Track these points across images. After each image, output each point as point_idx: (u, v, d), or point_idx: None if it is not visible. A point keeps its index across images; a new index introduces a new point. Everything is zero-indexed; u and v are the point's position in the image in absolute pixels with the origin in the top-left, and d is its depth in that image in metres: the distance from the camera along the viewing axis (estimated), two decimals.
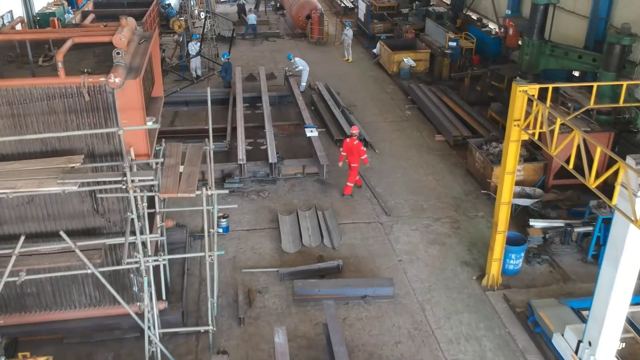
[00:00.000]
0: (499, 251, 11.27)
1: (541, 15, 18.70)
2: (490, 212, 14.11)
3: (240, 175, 15.09)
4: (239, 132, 16.63)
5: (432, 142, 17.86)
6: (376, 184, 15.38)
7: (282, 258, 12.41)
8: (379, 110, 20.22)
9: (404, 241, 13.02)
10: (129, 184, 8.06)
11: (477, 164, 15.30)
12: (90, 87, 8.48)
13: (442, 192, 15.02)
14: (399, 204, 14.47)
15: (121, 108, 8.61)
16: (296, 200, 14.62)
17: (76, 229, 9.40)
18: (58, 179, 7.94)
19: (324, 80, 22.87)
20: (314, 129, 16.73)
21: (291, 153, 16.98)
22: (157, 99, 11.27)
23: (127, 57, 9.11)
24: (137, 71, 8.84)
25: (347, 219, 13.86)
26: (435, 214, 14.07)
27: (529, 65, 19.27)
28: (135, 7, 25.85)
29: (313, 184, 15.36)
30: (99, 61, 9.83)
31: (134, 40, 9.94)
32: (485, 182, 14.84)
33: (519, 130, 10.14)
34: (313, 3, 29.47)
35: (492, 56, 24.60)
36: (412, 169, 16.19)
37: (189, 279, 11.69)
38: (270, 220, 13.78)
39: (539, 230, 12.99)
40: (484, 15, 27.67)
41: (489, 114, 18.88)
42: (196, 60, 23.28)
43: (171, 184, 8.80)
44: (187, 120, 19.32)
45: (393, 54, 23.20)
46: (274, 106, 20.03)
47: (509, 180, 10.68)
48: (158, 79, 11.35)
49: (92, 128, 8.75)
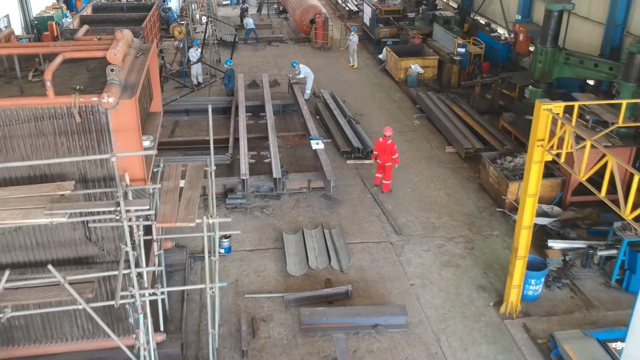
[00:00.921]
0: (518, 277, 10.58)
1: (555, 22, 18.02)
2: (505, 230, 13.47)
3: (243, 191, 14.41)
4: (242, 144, 15.96)
5: (443, 154, 17.17)
6: (385, 199, 14.70)
7: (287, 282, 11.73)
8: (386, 119, 19.53)
9: (416, 263, 12.33)
10: (123, 215, 7.39)
11: (491, 179, 14.61)
12: (82, 107, 7.82)
13: (455, 209, 14.33)
14: (409, 222, 13.78)
15: (115, 130, 7.95)
16: (301, 217, 13.94)
17: (67, 258, 8.75)
18: (46, 209, 7.27)
19: (328, 87, 22.21)
20: (319, 140, 16.07)
21: (296, 166, 16.31)
22: (155, 114, 10.60)
23: (122, 74, 8.45)
24: (133, 89, 8.17)
25: (356, 238, 13.18)
26: (448, 233, 13.38)
27: (542, 73, 18.58)
28: (134, 11, 25.20)
29: (319, 200, 14.68)
30: (93, 77, 9.17)
31: (130, 53, 9.28)
32: (500, 198, 14.16)
33: (543, 151, 9.45)
34: (317, 7, 28.80)
35: (502, 62, 23.94)
36: (423, 184, 15.50)
37: (189, 305, 11.02)
38: (274, 239, 13.11)
39: (558, 252, 12.31)
40: (492, 20, 26.99)
41: (501, 124, 18.19)
42: (197, 67, 22.61)
43: (169, 212, 8.12)
44: (187, 130, 18.65)
45: (400, 61, 22.52)
46: (277, 115, 19.39)
47: (531, 203, 10.00)
48: (156, 93, 10.68)
49: (84, 151, 8.09)
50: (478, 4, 27.98)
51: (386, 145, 14.77)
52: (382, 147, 14.82)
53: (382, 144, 14.82)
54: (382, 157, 14.84)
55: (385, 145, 14.78)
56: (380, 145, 14.88)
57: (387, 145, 14.76)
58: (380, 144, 14.86)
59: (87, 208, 7.48)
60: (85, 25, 10.56)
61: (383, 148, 14.82)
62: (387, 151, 14.76)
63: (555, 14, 17.88)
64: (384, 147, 14.79)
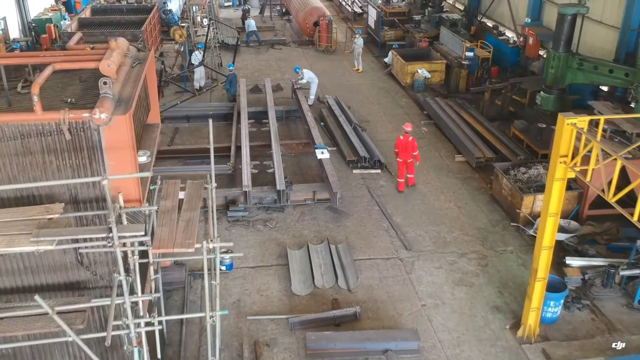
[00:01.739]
0: (537, 300, 9.97)
1: (568, 26, 17.42)
2: (519, 245, 12.88)
3: (245, 203, 13.83)
4: (244, 153, 15.36)
5: (452, 163, 16.56)
6: (394, 212, 14.10)
7: (291, 302, 11.14)
8: (392, 126, 18.93)
9: (427, 281, 11.73)
10: (116, 242, 6.80)
11: (504, 191, 14.00)
12: (72, 123, 7.23)
13: (466, 223, 13.72)
14: (419, 237, 13.18)
15: (108, 147, 7.35)
16: (306, 231, 13.35)
17: (58, 283, 8.15)
18: (32, 235, 6.69)
19: (333, 92, 21.62)
20: (325, 150, 15.47)
21: (300, 176, 15.72)
22: (152, 126, 10.00)
23: (116, 86, 7.85)
24: (128, 104, 7.58)
25: (363, 253, 12.58)
26: (460, 249, 12.78)
27: (554, 79, 18.00)
28: (134, 13, 24.66)
29: (324, 212, 14.09)
30: (86, 88, 8.59)
31: (126, 63, 8.68)
32: (514, 212, 13.54)
33: (566, 168, 8.85)
34: (321, 9, 28.20)
35: (510, 67, 23.36)
36: (432, 195, 14.90)
37: (188, 327, 10.43)
38: (278, 255, 12.52)
39: (576, 270, 11.71)
40: (500, 23, 26.36)
41: (512, 132, 17.57)
42: (200, 71, 22.02)
43: (166, 236, 7.52)
44: (188, 138, 18.06)
45: (407, 65, 21.91)
46: (280, 121, 18.79)
47: (552, 223, 9.39)
48: (154, 104, 10.08)
49: (75, 170, 7.50)
50: (485, 6, 27.35)
51: (407, 142, 14.71)
52: (404, 145, 14.72)
53: (404, 142, 14.73)
54: (404, 155, 14.76)
55: (407, 143, 14.71)
56: (401, 142, 14.76)
57: (409, 142, 14.72)
58: (402, 141, 14.76)
59: (77, 234, 6.88)
60: (78, 33, 9.98)
61: (404, 145, 14.72)
62: (409, 148, 14.73)
63: (569, 18, 17.30)
64: (405, 144, 14.72)
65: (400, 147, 14.82)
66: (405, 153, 14.76)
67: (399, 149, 14.84)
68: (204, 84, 22.19)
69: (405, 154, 14.76)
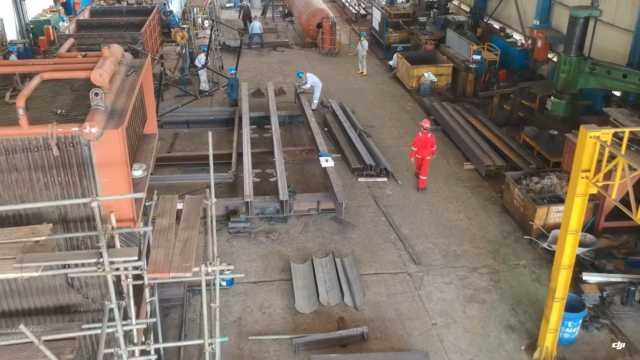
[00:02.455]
0: (555, 321, 9.44)
1: (580, 29, 16.90)
2: (532, 259, 12.35)
3: (247, 214, 13.30)
4: (245, 161, 14.83)
5: (461, 170, 16.02)
6: (401, 223, 13.57)
7: (295, 320, 10.61)
8: (398, 132, 18.40)
9: (437, 298, 11.19)
10: (107, 268, 6.28)
11: (516, 202, 13.46)
12: (61, 138, 6.71)
13: (477, 234, 13.19)
14: (428, 249, 12.65)
15: (100, 164, 6.84)
16: (310, 244, 12.83)
17: (46, 307, 7.64)
18: (16, 260, 6.17)
19: (337, 96, 21.10)
20: (329, 157, 14.93)
21: (304, 184, 15.20)
22: (149, 137, 9.48)
23: (109, 97, 7.34)
24: (121, 117, 7.06)
25: (370, 268, 12.05)
26: (471, 263, 12.24)
27: (566, 84, 17.50)
28: (134, 15, 24.15)
29: (329, 223, 13.57)
30: (77, 98, 8.05)
31: (120, 72, 8.17)
32: (526, 223, 13.00)
33: (588, 184, 8.31)
34: (324, 11, 27.65)
35: (518, 70, 22.85)
36: (441, 205, 14.36)
37: (187, 348, 9.90)
38: (281, 269, 11.99)
39: (594, 287, 11.17)
40: (507, 25, 25.83)
41: (522, 139, 17.03)
42: (204, 73, 21.50)
43: (162, 259, 7.00)
44: (188, 144, 17.53)
45: (412, 68, 21.36)
46: (283, 127, 18.27)
47: (572, 241, 8.85)
48: (151, 114, 9.56)
49: (64, 188, 6.99)
50: (492, 8, 26.83)
51: (426, 138, 14.70)
52: (423, 141, 14.69)
53: (423, 138, 14.71)
54: (422, 152, 14.72)
55: (426, 139, 14.70)
56: (420, 139, 14.72)
57: (427, 138, 14.70)
58: (421, 138, 14.73)
59: (64, 260, 6.35)
60: (70, 39, 9.45)
61: (424, 142, 14.69)
62: (428, 145, 14.71)
63: (581, 21, 16.78)
64: (425, 140, 14.70)
65: (419, 144, 14.72)
66: (424, 150, 14.70)
67: (418, 146, 14.72)
68: (208, 88, 21.66)
69: (424, 150, 14.70)
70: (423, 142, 14.71)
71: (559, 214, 12.64)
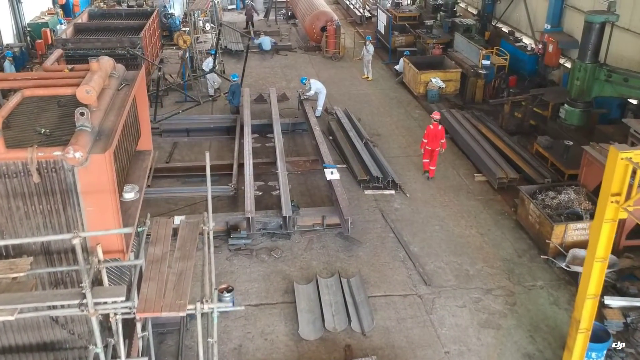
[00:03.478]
0: (579, 354, 8.77)
1: (596, 35, 16.22)
2: (550, 279, 11.69)
3: (248, 230, 12.66)
4: (247, 173, 14.19)
5: (472, 182, 15.35)
6: (410, 240, 12.92)
7: (299, 348, 9.96)
8: (406, 141, 17.74)
9: (450, 323, 10.53)
10: (91, 309, 5.65)
11: (531, 218, 12.79)
12: (42, 163, 6.08)
13: (490, 253, 12.52)
14: (439, 269, 11.99)
15: (85, 191, 6.21)
16: (315, 262, 12.18)
17: (28, 344, 7.02)
18: None
19: (341, 102, 20.47)
20: (334, 169, 14.28)
21: (308, 197, 14.56)
22: (143, 154, 8.83)
23: (96, 115, 6.71)
24: (109, 138, 6.42)
25: (378, 289, 11.39)
26: (485, 284, 11.58)
27: (580, 91, 16.83)
28: (133, 18, 23.51)
29: (334, 239, 12.92)
30: (64, 114, 7.43)
31: (111, 86, 7.54)
32: (542, 241, 12.33)
33: (618, 208, 7.65)
34: (328, 14, 26.96)
35: (528, 75, 22.14)
36: (452, 220, 13.70)
37: None
38: (284, 290, 11.34)
39: (617, 312, 10.50)
40: (516, 28, 25.13)
41: (535, 149, 16.35)
42: (211, 77, 20.87)
43: (154, 295, 6.37)
44: (187, 153, 16.90)
45: (420, 74, 20.68)
46: (286, 135, 17.65)
47: (600, 269, 8.19)
48: (145, 130, 8.91)
49: (46, 217, 6.36)
50: (500, 11, 26.14)
51: (437, 130, 15.09)
52: (434, 134, 15.09)
53: (434, 131, 15.09)
54: (432, 144, 15.13)
55: (437, 131, 15.10)
56: (432, 132, 15.10)
57: (438, 130, 15.11)
58: (432, 130, 15.11)
59: (44, 301, 5.72)
60: (57, 50, 8.84)
61: (434, 134, 15.09)
62: (438, 136, 15.11)
63: (597, 27, 16.09)
64: (435, 133, 15.09)
65: (430, 136, 15.07)
66: (434, 141, 15.09)
67: (429, 139, 15.09)
68: (213, 92, 21.02)
69: (434, 142, 15.09)
70: (434, 134, 15.06)
71: (577, 232, 12.00)
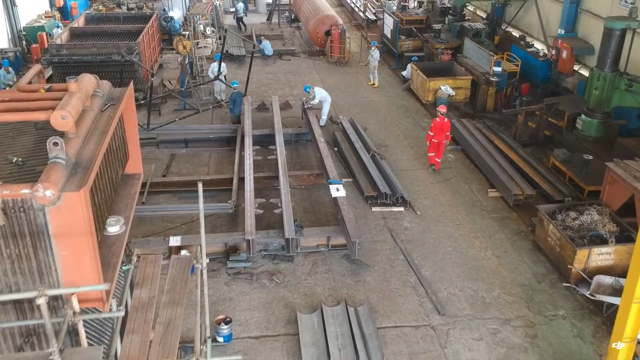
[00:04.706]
0: None
1: (616, 43, 15.39)
2: (572, 308, 10.89)
3: (248, 253, 11.85)
4: (247, 189, 13.38)
5: (485, 198, 14.52)
6: (421, 262, 12.09)
7: None
8: (414, 152, 16.91)
9: (465, 359, 9.70)
10: None
11: (551, 240, 11.95)
12: (8, 202, 5.28)
13: (507, 277, 11.69)
14: (453, 296, 11.16)
15: (57, 233, 5.41)
16: (320, 288, 11.36)
17: None
18: None
19: (347, 110, 19.68)
20: (340, 185, 13.46)
21: (312, 214, 13.75)
22: (131, 179, 8.03)
23: (74, 143, 5.92)
24: (87, 171, 5.62)
25: (388, 319, 10.57)
26: (503, 313, 10.75)
27: (598, 101, 16.03)
28: (131, 22, 22.77)
29: (340, 262, 12.10)
30: (41, 139, 6.65)
31: (94, 107, 6.74)
32: (563, 265, 11.49)
33: None
34: (333, 17, 26.13)
35: (540, 82, 21.32)
36: (465, 240, 12.87)
37: None
38: (286, 320, 10.52)
39: None
40: (527, 33, 24.29)
41: (551, 162, 15.51)
42: (218, 83, 20.08)
43: (137, 351, 5.58)
44: (185, 165, 16.10)
45: (428, 81, 19.84)
46: (289, 145, 16.85)
47: (637, 311, 7.35)
48: (133, 152, 8.13)
49: (15, 262, 5.56)
50: (511, 15, 25.31)
51: (444, 123, 15.27)
52: (440, 126, 15.25)
53: (441, 123, 15.26)
54: (439, 136, 15.27)
55: (443, 124, 15.26)
56: (438, 124, 15.25)
57: (445, 123, 15.28)
58: (438, 123, 15.27)
59: None
60: (36, 66, 8.01)
61: (441, 127, 15.25)
62: (445, 129, 15.28)
63: (617, 33, 15.27)
64: (442, 125, 15.25)
65: (436, 129, 15.20)
66: (440, 133, 15.23)
67: (435, 131, 15.22)
68: (224, 97, 20.21)
69: (440, 134, 15.23)
70: (440, 127, 15.21)
71: (602, 257, 11.16)
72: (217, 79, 19.78)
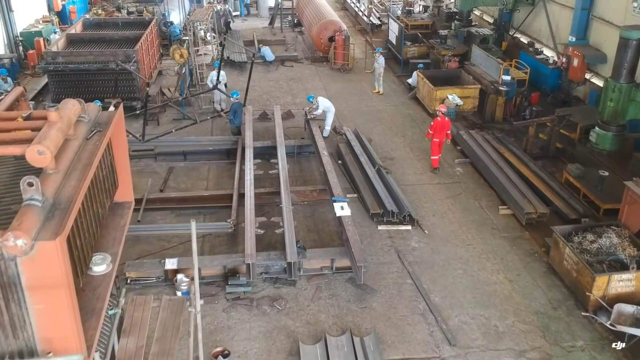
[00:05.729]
0: None
1: (633, 53, 14.80)
2: (591, 339, 10.29)
3: (248, 277, 11.25)
4: (248, 207, 12.79)
5: (496, 216, 13.90)
6: (430, 287, 11.49)
7: None
8: (422, 165, 16.30)
9: None
10: None
11: (567, 264, 11.33)
12: None
13: (521, 304, 11.08)
14: (464, 324, 10.55)
15: (31, 286, 4.81)
16: (323, 315, 10.76)
17: None
18: None
19: (351, 119, 19.11)
20: (345, 203, 12.86)
21: (315, 233, 13.16)
22: (121, 208, 7.43)
23: (54, 179, 5.33)
24: (64, 214, 5.02)
25: (396, 351, 9.96)
26: (517, 344, 10.13)
27: (613, 114, 15.46)
28: (130, 28, 22.22)
29: (345, 286, 11.51)
30: (20, 172, 6.07)
31: (78, 135, 6.15)
32: (581, 292, 10.87)
33: None
34: (337, 23, 25.52)
35: (550, 91, 20.71)
36: (476, 262, 12.26)
37: None
38: (288, 352, 9.92)
39: None
40: (536, 39, 23.67)
41: (565, 177, 14.89)
42: (217, 92, 19.51)
43: None
44: (183, 179, 15.51)
45: (435, 90, 19.23)
46: (292, 158, 16.28)
47: None
48: (124, 179, 7.53)
49: None
50: (519, 20, 24.68)
51: (444, 122, 15.45)
52: (441, 125, 15.45)
53: (441, 123, 15.45)
54: (439, 135, 15.47)
55: (444, 123, 15.46)
56: (439, 124, 15.44)
57: (445, 122, 15.46)
58: (439, 122, 15.45)
59: None
60: (17, 88, 7.42)
61: (441, 126, 15.45)
62: (445, 128, 15.49)
63: (634, 43, 14.68)
64: (443, 125, 15.45)
65: (437, 128, 15.41)
66: (441, 133, 15.46)
67: (435, 130, 15.43)
68: (220, 108, 19.65)
69: (441, 133, 15.46)
70: (441, 126, 15.40)
71: (622, 284, 10.55)
72: (216, 89, 19.19)
